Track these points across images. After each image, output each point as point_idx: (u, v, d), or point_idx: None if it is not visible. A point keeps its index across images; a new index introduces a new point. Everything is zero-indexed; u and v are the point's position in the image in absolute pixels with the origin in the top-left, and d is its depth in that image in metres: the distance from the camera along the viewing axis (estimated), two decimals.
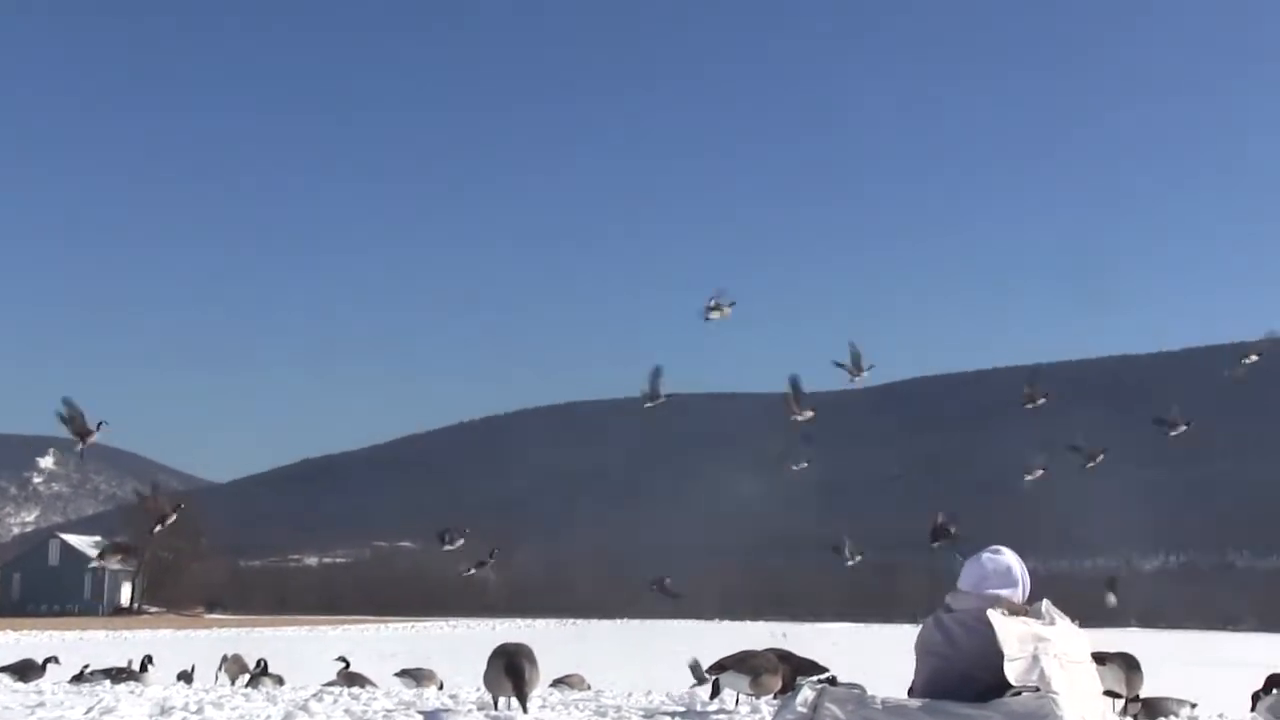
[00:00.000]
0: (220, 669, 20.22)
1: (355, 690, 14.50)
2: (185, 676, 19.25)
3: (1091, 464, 22.12)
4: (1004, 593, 7.32)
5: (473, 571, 18.71)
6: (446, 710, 10.86)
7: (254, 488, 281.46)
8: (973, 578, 7.38)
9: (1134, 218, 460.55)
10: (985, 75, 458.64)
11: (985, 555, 7.45)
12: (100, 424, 14.66)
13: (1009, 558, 7.44)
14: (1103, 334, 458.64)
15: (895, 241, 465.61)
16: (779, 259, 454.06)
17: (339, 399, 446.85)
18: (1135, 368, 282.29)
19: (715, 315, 18.34)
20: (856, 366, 18.96)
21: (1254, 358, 20.65)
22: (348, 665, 18.32)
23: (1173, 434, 20.45)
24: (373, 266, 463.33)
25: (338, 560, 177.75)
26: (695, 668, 9.42)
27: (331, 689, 15.09)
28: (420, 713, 10.61)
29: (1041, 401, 21.10)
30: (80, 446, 14.80)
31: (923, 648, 7.28)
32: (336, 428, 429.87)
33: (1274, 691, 9.27)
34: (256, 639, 52.36)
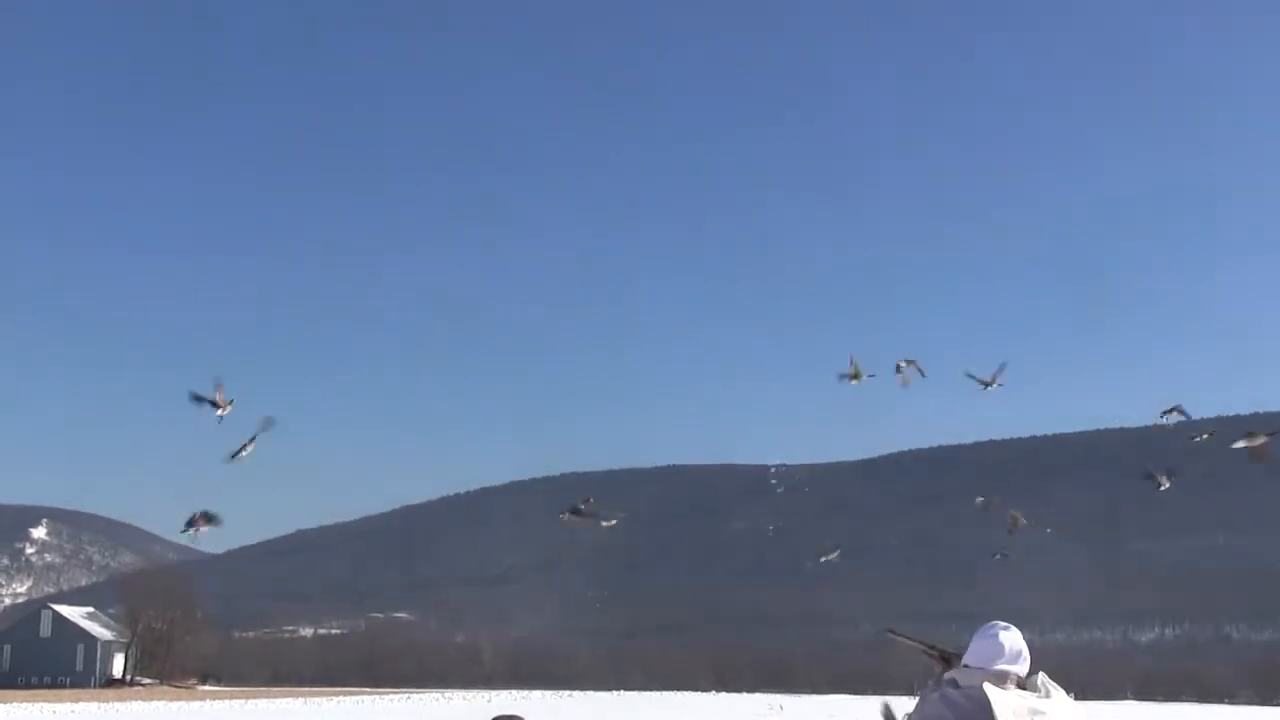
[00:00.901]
0: None
1: None
2: None
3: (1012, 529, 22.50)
4: (1012, 669, 7.47)
5: (568, 516, 18.41)
6: None
7: (248, 559, 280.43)
8: (983, 655, 7.55)
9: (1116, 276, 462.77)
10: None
11: (997, 632, 7.59)
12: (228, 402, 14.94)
13: (1017, 635, 7.57)
14: (1098, 407, 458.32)
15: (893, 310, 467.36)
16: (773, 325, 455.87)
17: (332, 470, 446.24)
18: (1128, 441, 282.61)
19: (855, 379, 18.38)
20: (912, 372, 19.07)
21: (1205, 436, 21.08)
22: None
23: (1161, 488, 20.74)
24: (368, 339, 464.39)
25: (332, 631, 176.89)
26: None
27: None
28: None
29: (1010, 512, 21.53)
30: (220, 413, 15.32)
31: None
32: (330, 498, 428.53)
33: None
34: (251, 711, 52.27)
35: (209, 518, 14.75)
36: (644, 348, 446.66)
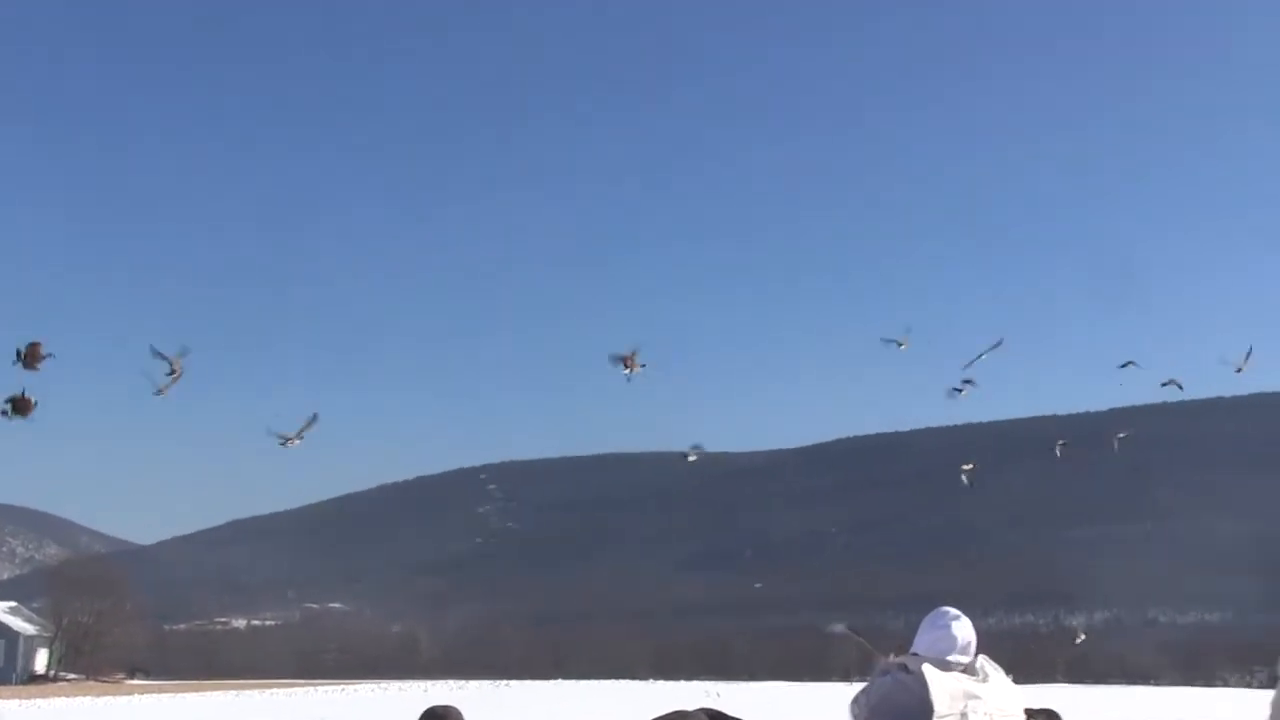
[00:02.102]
0: None
1: None
2: None
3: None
4: (962, 659, 7.30)
5: (625, 370, 17.77)
6: None
7: (180, 550, 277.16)
8: (935, 646, 7.34)
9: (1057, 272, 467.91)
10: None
11: (948, 623, 7.39)
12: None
13: (967, 624, 7.39)
14: (1031, 395, 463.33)
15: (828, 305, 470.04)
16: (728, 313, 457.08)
17: (267, 459, 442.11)
18: (1065, 429, 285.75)
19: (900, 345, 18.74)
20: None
21: (1061, 443, 21.65)
22: None
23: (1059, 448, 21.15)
24: (302, 325, 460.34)
25: (266, 623, 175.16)
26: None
27: None
28: None
29: (969, 467, 21.45)
30: (171, 377, 14.41)
31: (886, 707, 7.21)
32: (265, 488, 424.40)
33: None
34: (180, 706, 51.40)
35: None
36: (585, 333, 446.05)
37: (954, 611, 7.36)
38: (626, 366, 18.09)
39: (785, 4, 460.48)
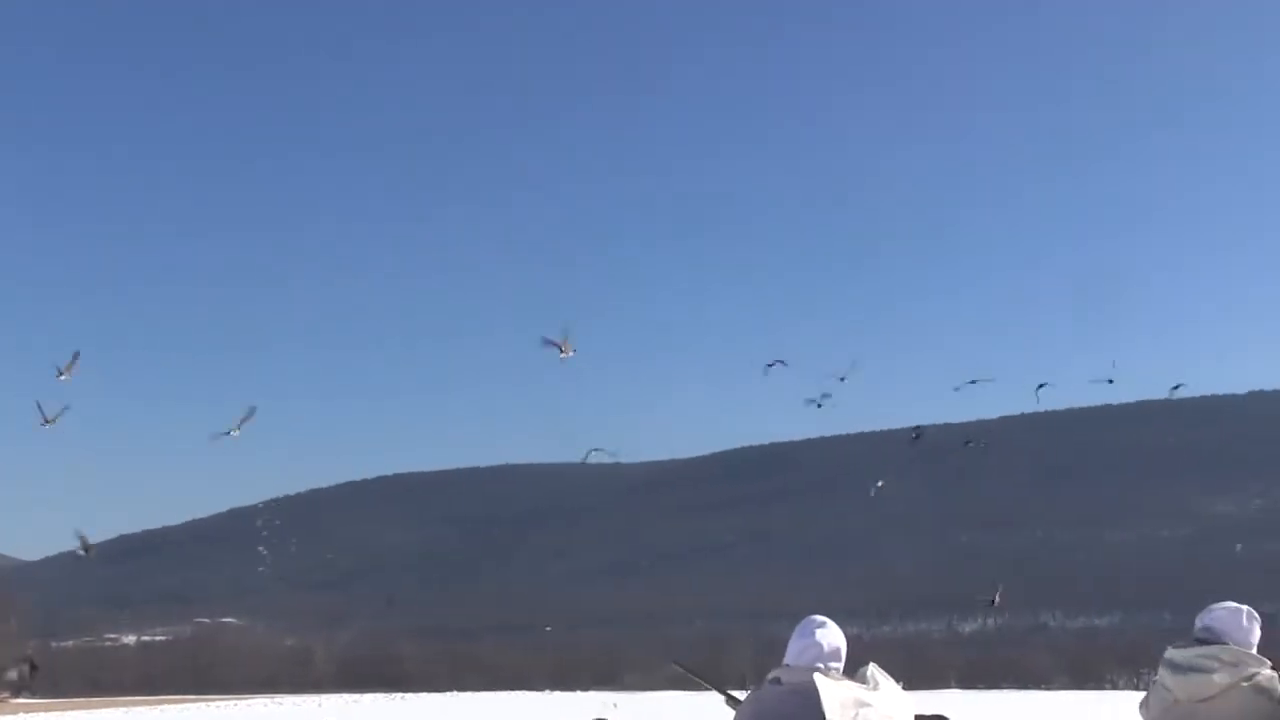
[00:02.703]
0: None
1: None
2: None
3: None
4: (832, 666, 7.52)
5: (560, 353, 18.17)
6: None
7: (66, 565, 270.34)
8: (803, 655, 7.56)
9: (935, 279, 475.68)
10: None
11: (813, 630, 7.62)
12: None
13: (835, 631, 7.61)
14: (921, 403, 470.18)
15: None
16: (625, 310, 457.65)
17: (157, 473, 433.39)
18: (957, 436, 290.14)
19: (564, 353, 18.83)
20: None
21: (916, 435, 22.27)
22: None
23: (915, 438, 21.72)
24: (194, 334, 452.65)
25: (157, 638, 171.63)
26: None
27: None
28: None
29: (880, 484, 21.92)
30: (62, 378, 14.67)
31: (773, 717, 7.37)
32: (155, 502, 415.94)
33: None
34: None
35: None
36: (479, 344, 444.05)
37: (820, 619, 7.48)
38: (561, 350, 18.52)
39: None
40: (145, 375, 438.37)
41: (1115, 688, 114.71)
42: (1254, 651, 7.21)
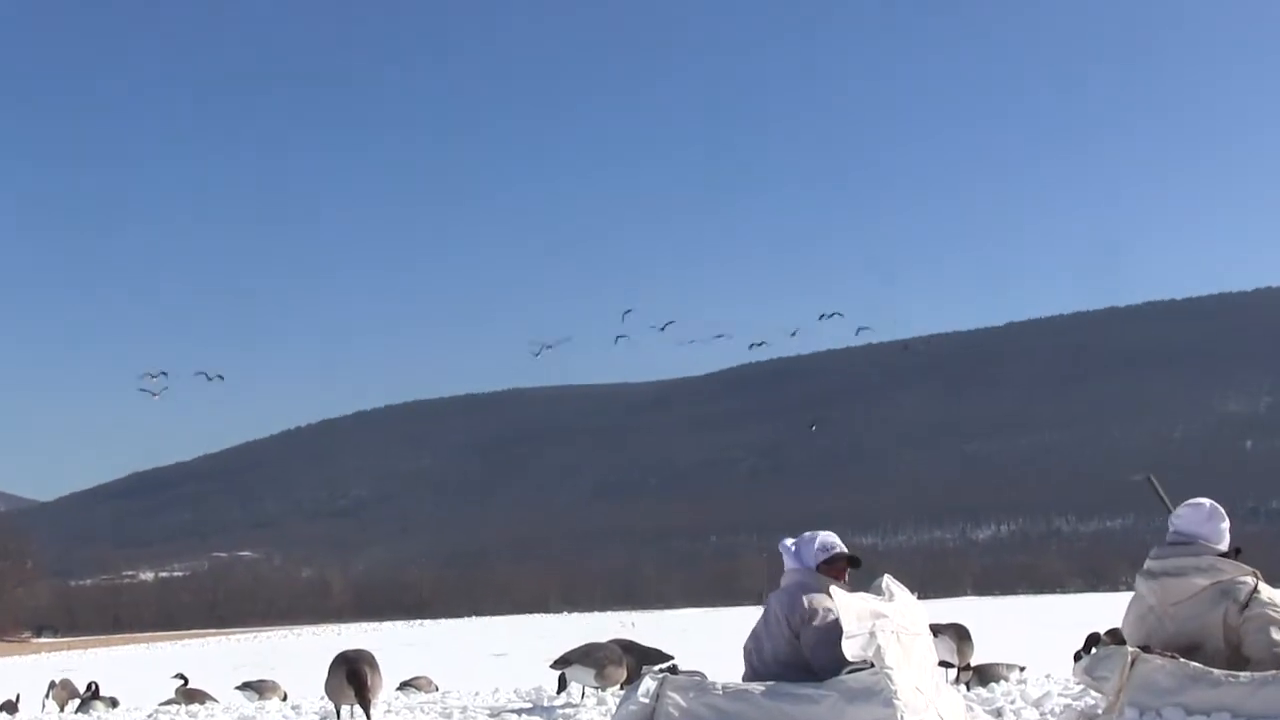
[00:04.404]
0: (48, 696, 19.32)
1: (194, 708, 14.05)
2: (9, 707, 18.37)
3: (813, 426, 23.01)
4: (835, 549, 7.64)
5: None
6: None
7: (82, 504, 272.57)
8: (822, 550, 7.61)
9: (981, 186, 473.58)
10: None
11: (818, 534, 7.71)
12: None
13: (828, 534, 7.73)
14: (931, 311, 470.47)
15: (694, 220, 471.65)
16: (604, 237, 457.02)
17: (167, 409, 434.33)
18: (964, 345, 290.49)
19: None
20: None
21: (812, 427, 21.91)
22: (186, 682, 17.84)
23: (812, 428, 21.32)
24: (198, 269, 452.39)
25: (175, 574, 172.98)
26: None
27: (169, 708, 14.65)
28: None
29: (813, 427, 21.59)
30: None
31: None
32: (166, 438, 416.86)
33: (1093, 650, 9.66)
34: (89, 661, 50.56)
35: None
36: (479, 272, 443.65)
37: (814, 531, 7.77)
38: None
39: None
40: (151, 311, 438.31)
41: (1129, 589, 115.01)
42: (1224, 545, 7.27)
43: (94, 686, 18.18)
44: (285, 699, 16.13)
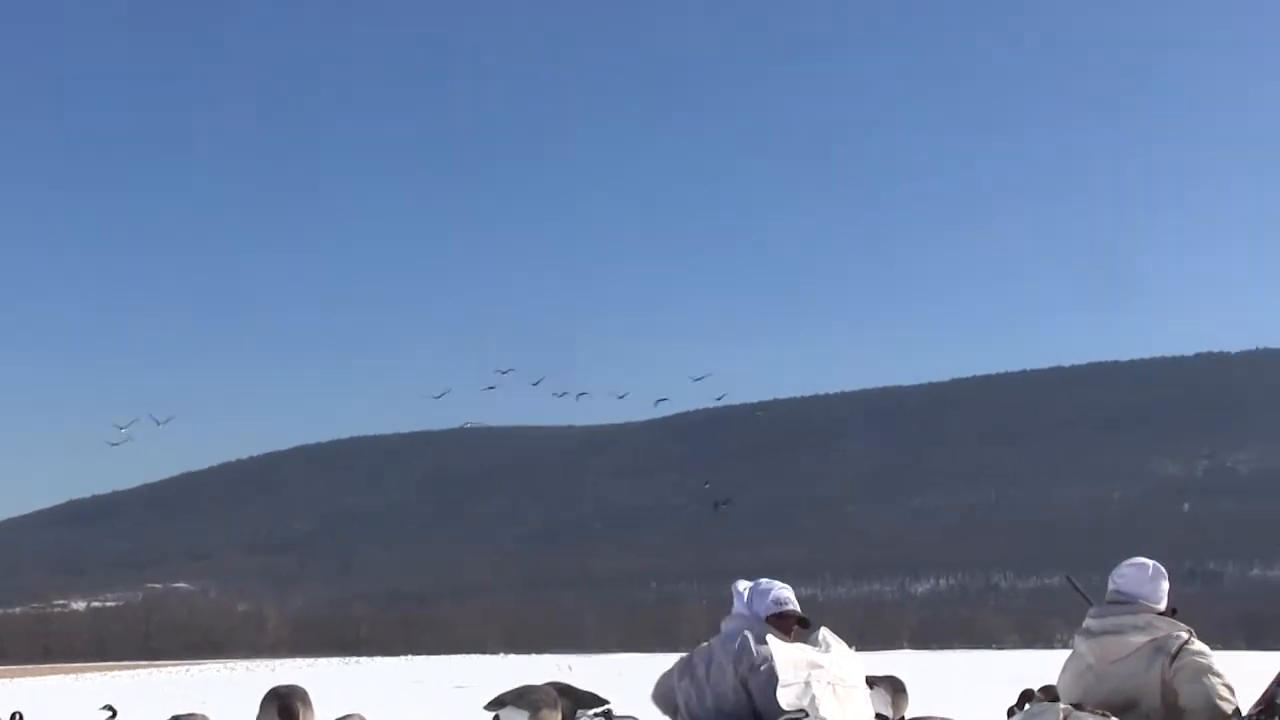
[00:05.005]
0: None
1: None
2: None
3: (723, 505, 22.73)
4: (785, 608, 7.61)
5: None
6: None
7: (15, 531, 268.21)
8: (775, 603, 7.60)
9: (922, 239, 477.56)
10: None
11: (774, 586, 7.71)
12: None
13: (784, 587, 7.73)
14: (877, 365, 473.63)
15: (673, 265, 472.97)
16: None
17: (105, 438, 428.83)
18: (910, 399, 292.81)
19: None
20: None
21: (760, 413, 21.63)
22: (114, 714, 17.56)
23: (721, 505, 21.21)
24: (141, 297, 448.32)
25: (108, 604, 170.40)
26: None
27: None
28: None
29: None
30: None
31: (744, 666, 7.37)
32: (105, 467, 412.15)
33: (1025, 706, 9.77)
34: (15, 690, 49.72)
35: None
36: (434, 309, 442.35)
37: (767, 580, 7.77)
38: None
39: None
40: (97, 339, 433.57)
41: (1065, 646, 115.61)
42: (1163, 604, 7.36)
43: (18, 717, 17.86)
44: None
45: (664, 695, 7.73)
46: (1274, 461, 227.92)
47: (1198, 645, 7.28)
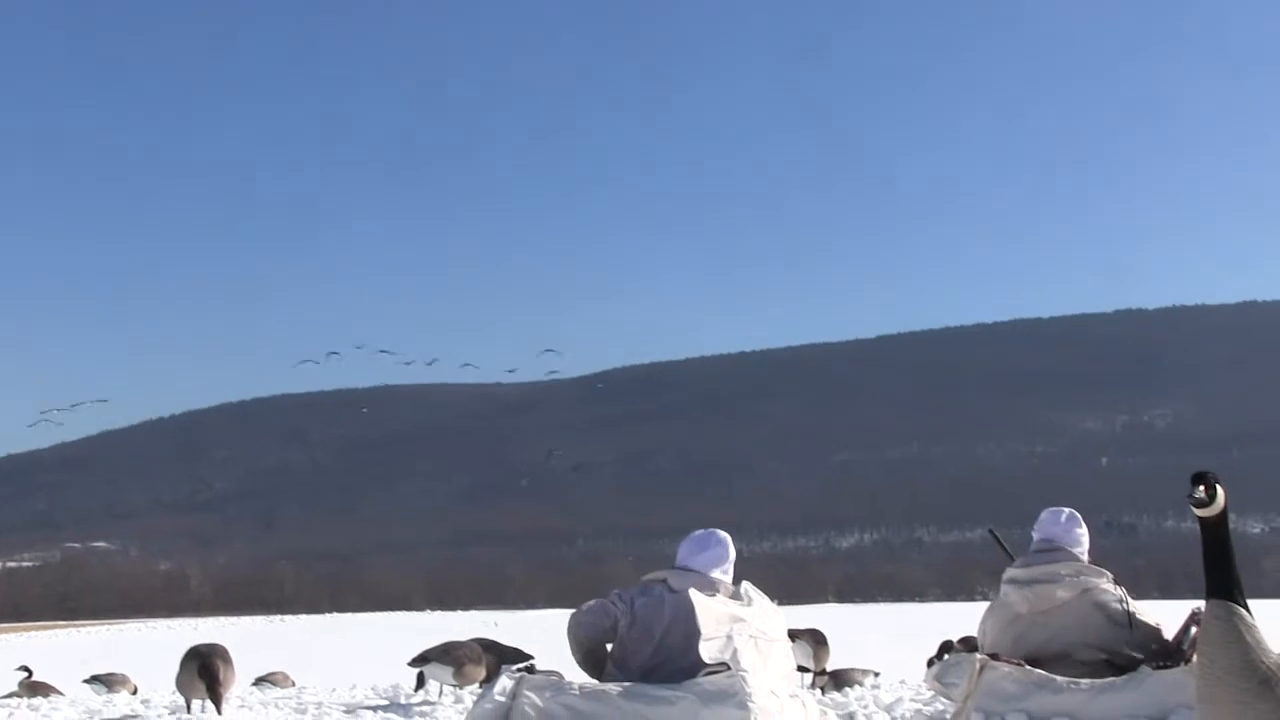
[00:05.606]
0: None
1: (36, 701, 13.62)
2: None
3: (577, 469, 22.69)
4: (725, 578, 7.62)
5: None
6: (136, 716, 10.40)
7: None
8: (703, 560, 7.61)
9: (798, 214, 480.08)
10: None
11: (713, 539, 7.70)
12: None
13: (729, 546, 7.74)
14: (802, 323, 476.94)
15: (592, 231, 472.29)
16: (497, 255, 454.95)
17: (20, 394, 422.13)
18: (835, 356, 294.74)
19: None
20: None
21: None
22: (30, 675, 17.32)
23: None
24: (54, 253, 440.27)
25: (24, 565, 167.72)
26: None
27: (10, 701, 14.24)
28: None
29: None
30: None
31: (647, 617, 7.42)
32: (20, 426, 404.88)
33: (944, 657, 9.90)
34: None
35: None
36: (337, 257, 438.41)
37: (720, 533, 7.83)
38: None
39: None
40: (11, 295, 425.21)
41: (985, 598, 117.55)
42: (1085, 549, 7.65)
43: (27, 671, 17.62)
44: (135, 693, 15.77)
45: (593, 622, 7.73)
46: (1189, 417, 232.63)
47: (1120, 592, 7.50)
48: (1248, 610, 4.13)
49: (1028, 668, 7.19)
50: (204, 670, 9.82)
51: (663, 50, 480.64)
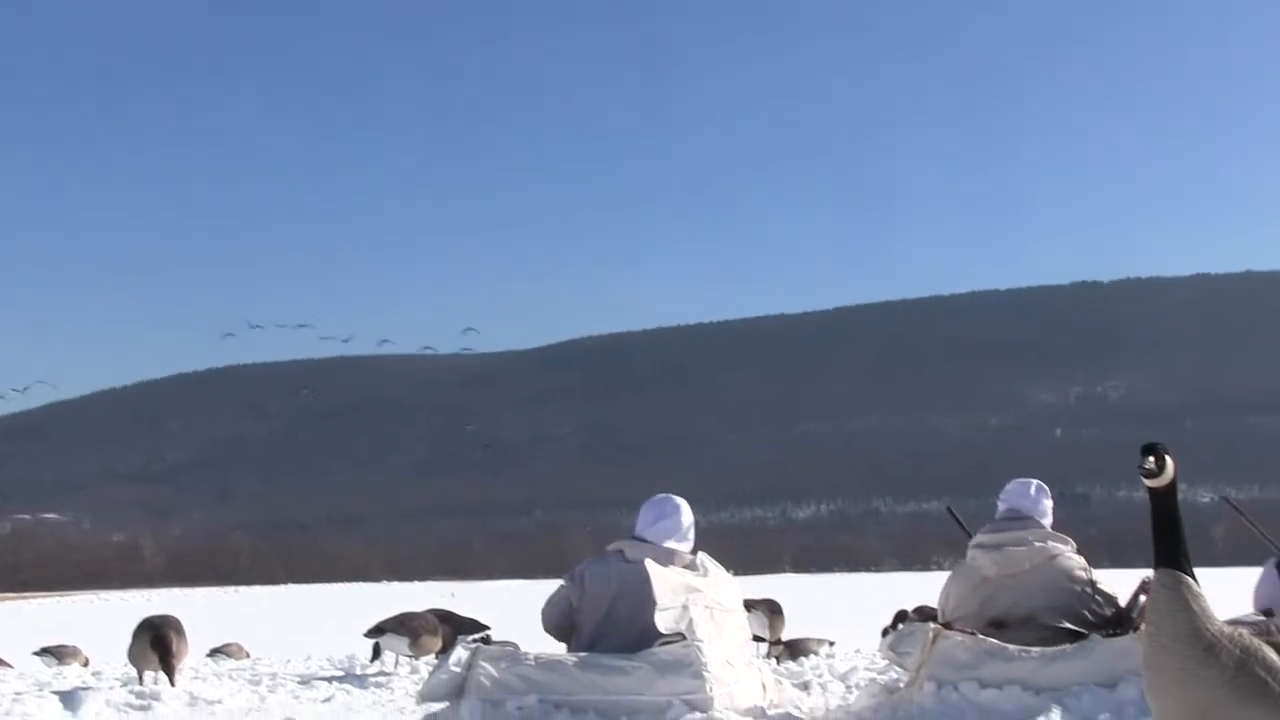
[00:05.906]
0: None
1: None
2: None
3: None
4: (681, 547, 7.61)
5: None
6: (87, 688, 10.29)
7: None
8: (657, 530, 7.60)
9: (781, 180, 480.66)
10: None
11: (668, 510, 7.69)
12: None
13: (686, 512, 7.73)
14: (760, 295, 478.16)
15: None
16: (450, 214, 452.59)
17: None
18: (794, 328, 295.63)
19: None
20: None
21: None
22: None
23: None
24: (12, 223, 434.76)
25: None
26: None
27: None
28: (55, 693, 9.98)
29: None
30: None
31: (598, 588, 7.45)
32: None
33: (899, 626, 10.00)
34: None
35: None
36: (304, 228, 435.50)
37: (676, 499, 7.81)
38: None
39: None
40: None
41: (941, 569, 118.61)
42: (1049, 518, 7.90)
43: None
44: (86, 665, 15.65)
45: (554, 611, 7.75)
46: (1142, 388, 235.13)
47: (1082, 560, 7.71)
48: (1195, 579, 4.21)
49: (980, 636, 7.29)
50: (157, 641, 9.77)
51: (633, 25, 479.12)
